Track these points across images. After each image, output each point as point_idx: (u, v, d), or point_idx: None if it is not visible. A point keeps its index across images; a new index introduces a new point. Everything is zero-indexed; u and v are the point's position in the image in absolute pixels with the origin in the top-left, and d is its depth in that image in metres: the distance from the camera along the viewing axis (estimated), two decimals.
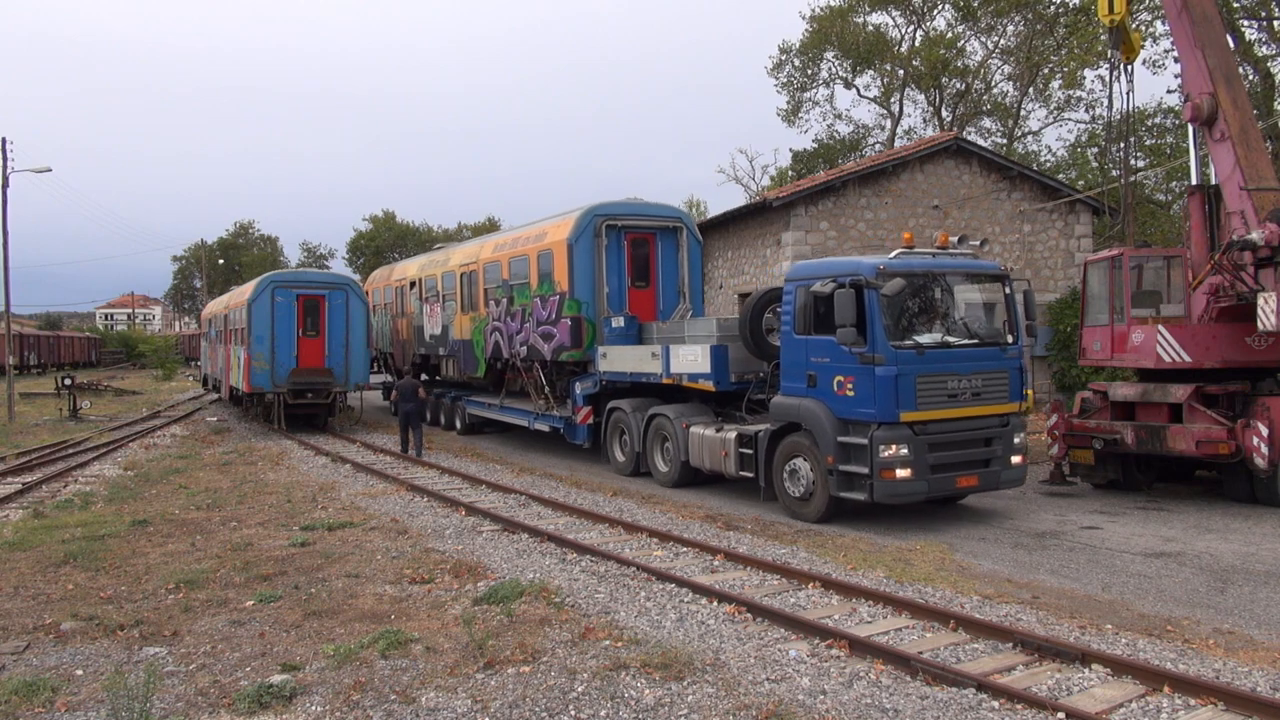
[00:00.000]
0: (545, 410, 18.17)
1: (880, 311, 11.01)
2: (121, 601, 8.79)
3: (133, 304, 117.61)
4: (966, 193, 23.34)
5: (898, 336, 11.11)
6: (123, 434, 24.57)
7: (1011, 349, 11.85)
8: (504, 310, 19.56)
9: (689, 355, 14.42)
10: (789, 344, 12.31)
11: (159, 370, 56.16)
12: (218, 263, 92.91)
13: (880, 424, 10.96)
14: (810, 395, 11.79)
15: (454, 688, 6.46)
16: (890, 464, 10.92)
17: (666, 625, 7.80)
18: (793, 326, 12.10)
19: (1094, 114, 39.11)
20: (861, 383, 11.11)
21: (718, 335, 14.29)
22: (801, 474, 11.94)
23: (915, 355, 11.05)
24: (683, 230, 17.83)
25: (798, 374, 12.07)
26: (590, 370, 17.06)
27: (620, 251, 17.32)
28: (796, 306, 11.92)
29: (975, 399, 11.41)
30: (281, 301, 23.43)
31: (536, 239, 18.46)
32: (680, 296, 17.77)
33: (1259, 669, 6.67)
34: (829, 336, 11.32)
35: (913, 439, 11.00)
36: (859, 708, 6.07)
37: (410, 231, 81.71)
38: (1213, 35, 13.37)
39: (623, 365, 16.03)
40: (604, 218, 17.08)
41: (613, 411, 16.32)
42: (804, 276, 12.15)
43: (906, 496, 11.16)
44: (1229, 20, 25.10)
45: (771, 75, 46.88)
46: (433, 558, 10.24)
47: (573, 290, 16.91)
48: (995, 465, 11.67)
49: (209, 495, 14.66)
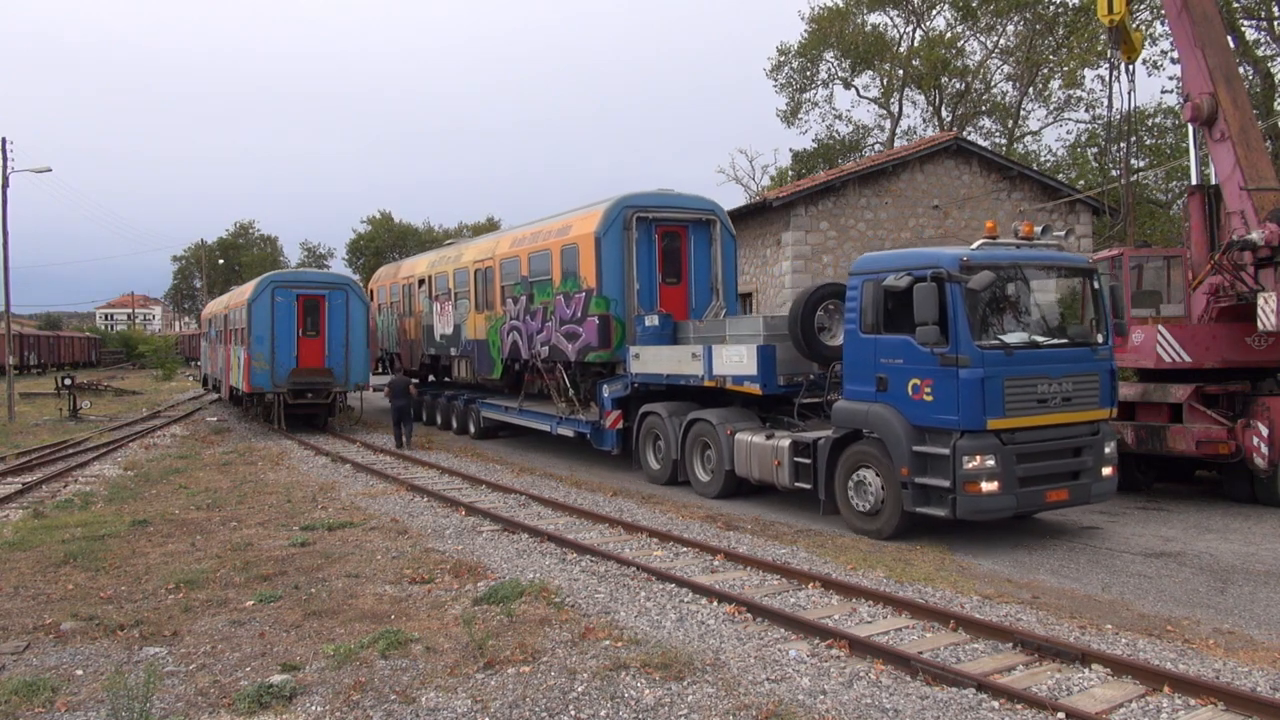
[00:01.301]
0: (569, 414, 17.23)
1: (965, 308, 10.00)
2: (121, 601, 8.79)
3: (133, 304, 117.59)
4: (966, 193, 23.34)
5: (982, 335, 10.13)
6: (123, 434, 24.56)
7: (1102, 349, 10.90)
8: (523, 308, 18.64)
9: (733, 356, 13.50)
10: (854, 344, 11.29)
11: (159, 370, 56.15)
12: (218, 263, 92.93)
13: (964, 432, 9.95)
14: (880, 400, 10.77)
15: (454, 688, 6.46)
16: (975, 476, 9.87)
17: (666, 625, 7.80)
18: (858, 325, 11.13)
19: (1094, 114, 39.11)
20: (942, 386, 10.09)
21: (764, 334, 13.40)
22: (869, 486, 10.98)
23: (1003, 356, 10.04)
24: (716, 223, 16.82)
25: (864, 376, 11.04)
26: (619, 372, 16.21)
27: (651, 245, 16.33)
28: (863, 302, 10.97)
29: (1065, 404, 10.40)
30: (281, 301, 23.42)
31: (560, 233, 17.41)
32: (713, 293, 16.76)
33: (1259, 669, 6.67)
34: (903, 335, 10.47)
35: (1000, 449, 9.96)
36: (859, 708, 6.07)
37: (410, 232, 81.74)
38: (1213, 35, 13.37)
39: (658, 366, 15.06)
40: (634, 209, 16.07)
41: (646, 416, 15.34)
42: (872, 270, 11.09)
43: (993, 512, 10.13)
44: (1229, 20, 25.09)
45: (770, 76, 46.93)
46: (433, 558, 10.24)
47: (601, 287, 15.95)
48: (1085, 477, 10.65)
49: (209, 495, 14.66)
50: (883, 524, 10.89)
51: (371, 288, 30.19)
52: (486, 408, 21.23)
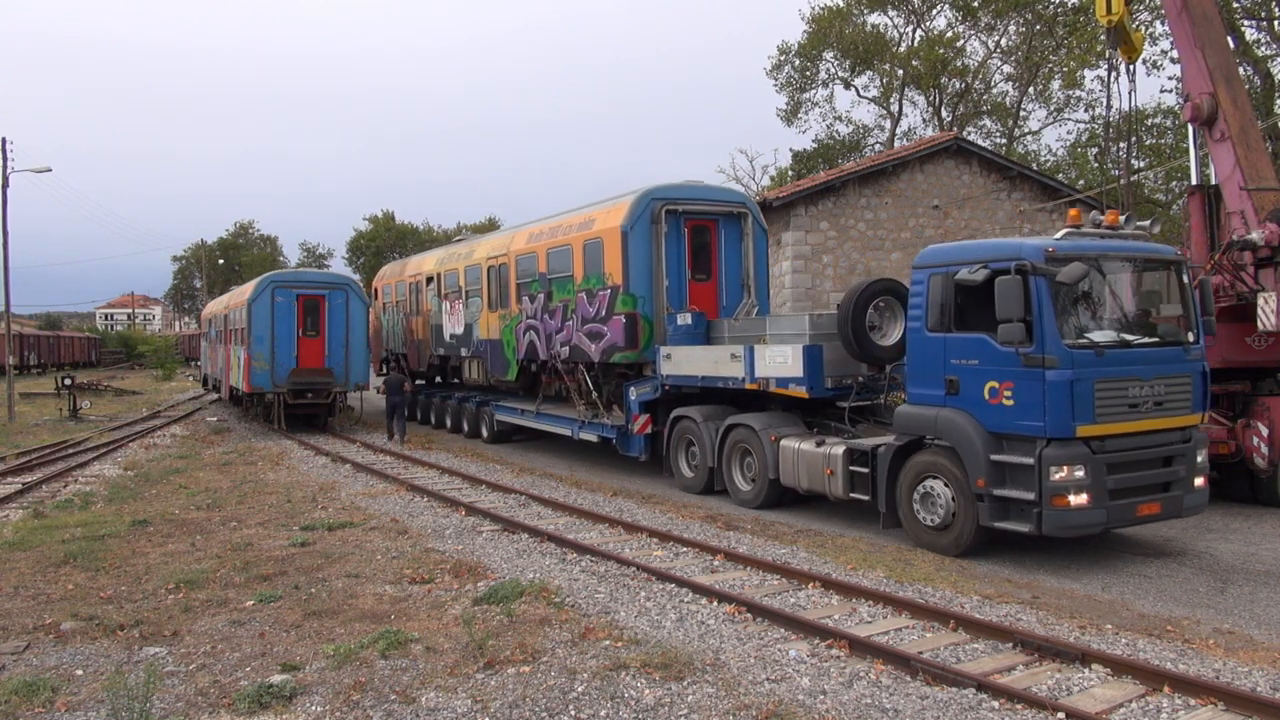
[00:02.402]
0: (592, 418, 16.43)
1: (1052, 303, 9.17)
2: (121, 601, 8.79)
3: (133, 304, 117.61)
4: (966, 193, 23.35)
5: (1070, 334, 9.29)
6: (123, 434, 24.57)
7: (1194, 349, 10.05)
8: (540, 307, 17.80)
9: (777, 357, 12.57)
10: (919, 343, 10.44)
11: (159, 370, 56.17)
12: (218, 263, 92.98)
13: (1050, 440, 9.13)
14: (950, 404, 9.95)
15: (454, 688, 6.46)
16: (1064, 488, 9.05)
17: (666, 625, 7.80)
18: (924, 322, 10.30)
19: (1094, 114, 39.17)
20: (1025, 390, 9.24)
21: (810, 333, 12.58)
22: (938, 498, 10.10)
23: (1093, 357, 9.20)
24: (748, 216, 16.00)
25: (931, 379, 10.20)
26: (647, 373, 15.38)
27: (679, 240, 15.51)
28: (930, 298, 10.18)
29: (1157, 409, 9.58)
30: (281, 301, 23.42)
31: (582, 227, 16.60)
32: (745, 291, 15.96)
33: (1259, 669, 6.67)
34: (978, 334, 9.70)
35: (1090, 458, 9.15)
36: (859, 708, 6.07)
37: (410, 231, 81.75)
38: (1213, 35, 13.37)
39: (692, 368, 14.13)
40: (663, 202, 15.24)
41: (678, 420, 14.44)
42: (941, 263, 10.26)
43: (1082, 528, 9.32)
44: (1229, 20, 25.11)
45: (770, 76, 46.96)
46: (433, 558, 10.24)
47: (627, 284, 15.10)
48: (1177, 488, 9.79)
49: (209, 495, 14.66)
50: (955, 539, 10.02)
51: (375, 286, 29.49)
52: (500, 410, 20.46)
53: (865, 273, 22.52)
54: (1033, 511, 9.22)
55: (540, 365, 18.27)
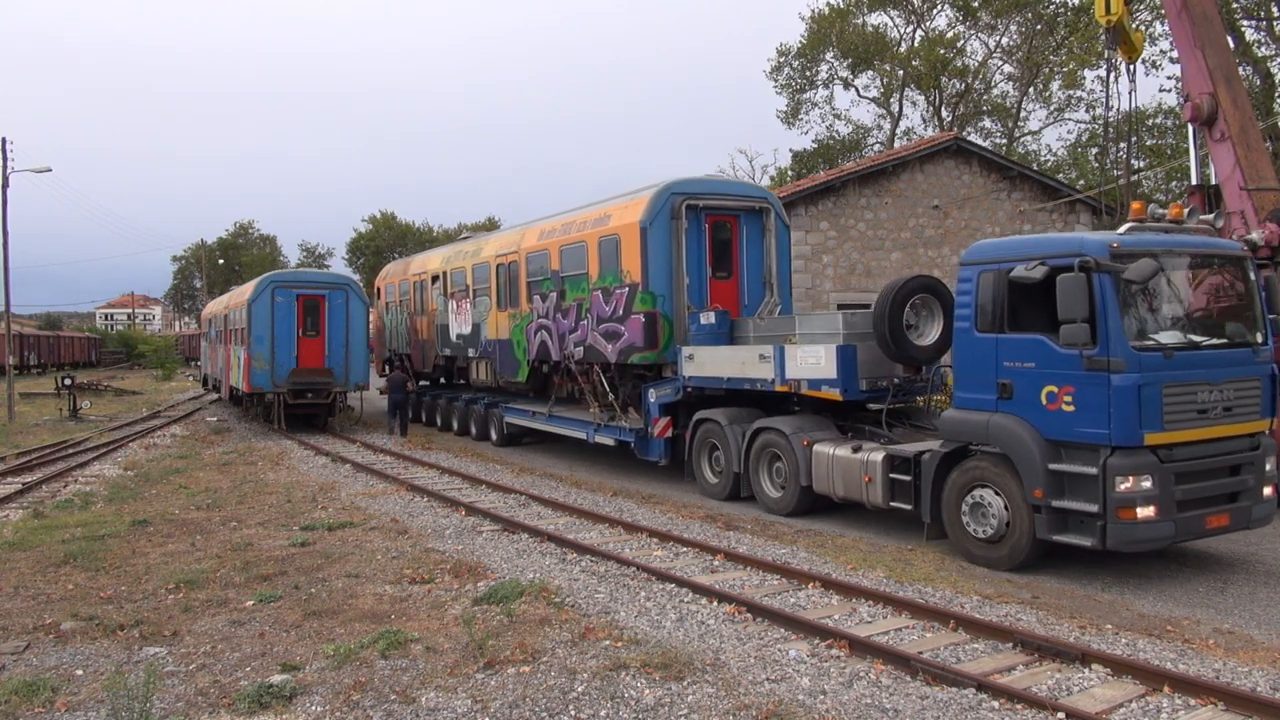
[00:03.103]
0: (608, 421, 15.88)
1: (1118, 302, 8.63)
2: (121, 601, 8.79)
3: (133, 304, 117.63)
4: (966, 193, 23.37)
5: (1135, 335, 8.75)
6: (123, 434, 24.57)
7: (1263, 350, 9.50)
8: (553, 306, 17.28)
9: (809, 357, 12.06)
10: (967, 344, 9.89)
11: (159, 370, 56.17)
12: (218, 263, 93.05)
13: (1115, 448, 8.57)
14: (1004, 410, 9.40)
15: (454, 688, 6.46)
16: (1130, 500, 8.49)
17: (666, 625, 7.80)
18: (973, 322, 9.73)
19: (1094, 114, 39.20)
20: (1088, 394, 8.71)
21: (844, 333, 12.06)
22: (990, 509, 9.50)
23: (1161, 359, 8.65)
24: (770, 212, 15.48)
25: (981, 382, 9.64)
26: (666, 374, 14.89)
27: (700, 236, 14.99)
28: (980, 297, 9.63)
29: (1226, 415, 9.03)
30: (281, 301, 23.42)
31: (597, 223, 16.04)
32: (767, 289, 15.44)
33: (1259, 669, 6.67)
34: (1033, 335, 9.20)
35: (1158, 467, 8.60)
36: (859, 708, 6.07)
37: (410, 231, 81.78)
38: (1213, 35, 13.38)
39: (717, 369, 13.61)
40: (683, 196, 14.72)
41: (701, 424, 13.86)
42: (992, 259, 9.70)
43: (1149, 542, 8.79)
44: (1229, 20, 25.12)
45: (771, 77, 47.03)
46: (433, 558, 10.24)
47: (646, 282, 14.57)
48: (1245, 499, 9.25)
49: (209, 495, 14.66)
50: (1008, 553, 9.44)
51: (378, 285, 29.02)
52: (510, 413, 19.84)
53: (865, 273, 22.55)
54: (1096, 525, 8.67)
55: (552, 366, 17.85)
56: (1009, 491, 9.35)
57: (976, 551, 9.73)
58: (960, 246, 23.41)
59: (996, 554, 9.55)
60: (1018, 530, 9.32)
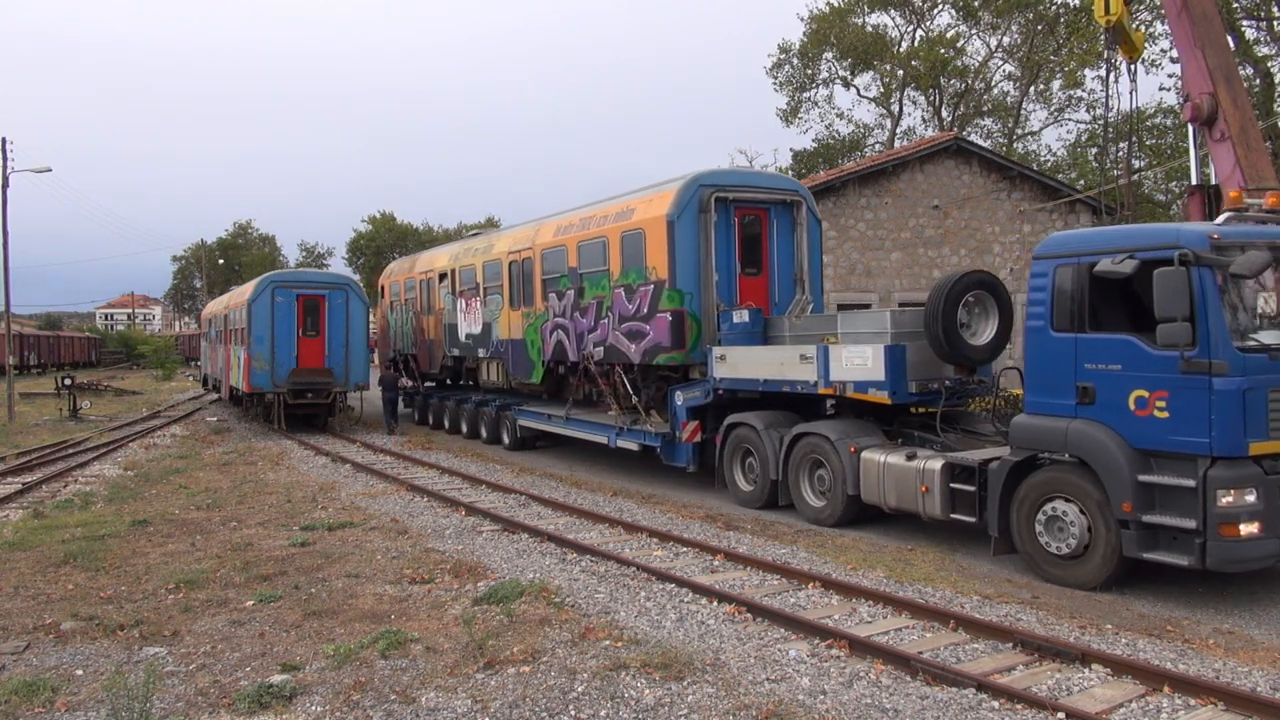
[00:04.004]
0: (631, 424, 15.17)
1: (1220, 299, 7.94)
2: (121, 601, 8.79)
3: (133, 304, 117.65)
4: (966, 193, 23.37)
5: (1239, 335, 8.06)
6: (123, 434, 24.57)
7: None
8: (570, 304, 16.59)
9: (856, 358, 11.35)
10: (1041, 345, 9.14)
11: (159, 370, 56.18)
12: (217, 263, 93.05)
13: (1216, 458, 7.86)
14: (1084, 416, 8.68)
15: (454, 688, 6.46)
16: (1233, 515, 7.77)
17: (666, 625, 7.80)
18: (1048, 320, 9.02)
19: (1094, 114, 39.22)
20: (1185, 400, 7.99)
21: (892, 332, 11.39)
22: (1069, 524, 8.74)
23: (1267, 362, 7.97)
24: (802, 205, 14.79)
25: (1057, 385, 8.92)
26: (694, 376, 14.21)
27: (729, 231, 14.29)
28: (1057, 293, 8.94)
29: None
30: (281, 301, 23.44)
31: (619, 217, 15.30)
32: (798, 286, 14.77)
33: (1259, 669, 6.68)
34: (1120, 334, 8.55)
35: (1263, 480, 7.90)
36: (859, 708, 6.07)
37: (410, 231, 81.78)
38: (1213, 35, 13.37)
39: (752, 370, 12.88)
40: (712, 188, 14.00)
41: (734, 428, 13.15)
42: (1073, 251, 8.95)
43: (1253, 562, 8.05)
44: (1229, 20, 25.13)
45: (771, 75, 47.06)
46: (433, 558, 10.24)
47: (674, 278, 13.87)
48: None
49: (209, 495, 14.66)
50: (1091, 572, 8.69)
51: (382, 284, 28.47)
52: (524, 415, 19.03)
53: (865, 273, 22.56)
54: (1194, 542, 7.96)
55: (569, 367, 17.23)
56: (1090, 504, 8.64)
57: (1053, 570, 8.96)
58: (960, 246, 23.44)
59: (1077, 572, 8.77)
60: (1101, 547, 8.60)
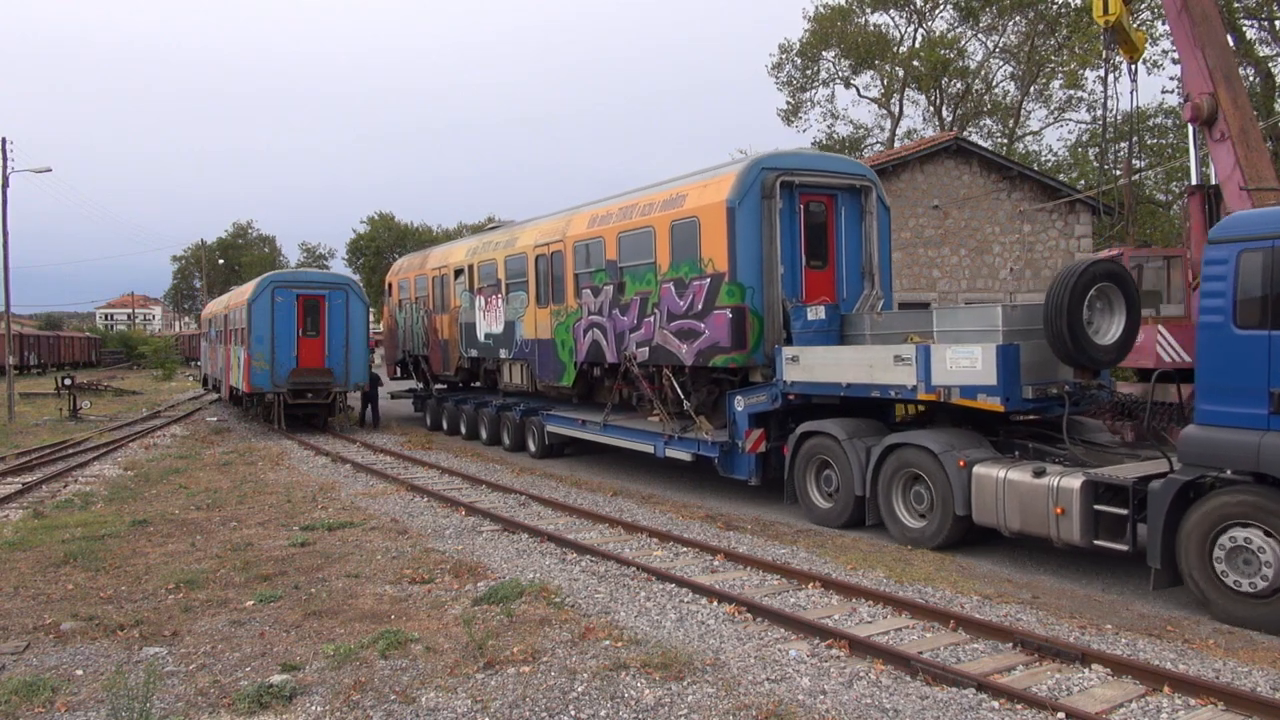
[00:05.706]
0: (681, 432, 13.88)
1: None
2: (121, 601, 8.79)
3: (133, 304, 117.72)
4: (966, 193, 23.36)
5: None
6: (123, 434, 24.56)
7: None
8: (608, 301, 15.37)
9: (962, 359, 10.05)
10: (1221, 344, 7.90)
11: (159, 370, 56.19)
12: (217, 263, 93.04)
13: None
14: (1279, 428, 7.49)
15: (454, 688, 6.46)
16: None
17: (666, 625, 7.80)
18: (1230, 315, 7.80)
19: (1094, 114, 39.23)
20: None
21: (1004, 329, 10.10)
22: (1258, 555, 7.48)
23: None
24: (870, 191, 13.58)
25: (1245, 393, 7.70)
26: (755, 379, 12.90)
27: (793, 219, 13.06)
28: (1244, 282, 7.72)
29: None
30: (281, 301, 23.44)
31: (669, 204, 14.03)
32: (866, 280, 13.58)
33: (1259, 669, 6.67)
34: None
35: None
36: (859, 708, 6.07)
37: (410, 232, 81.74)
38: (1213, 35, 13.38)
39: (831, 373, 11.55)
40: (776, 172, 12.76)
41: (808, 437, 11.86)
42: (1264, 233, 7.67)
43: None
44: (1229, 20, 25.13)
45: (771, 74, 47.03)
46: (433, 558, 10.24)
47: (734, 271, 12.63)
48: None
49: (209, 495, 14.66)
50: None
51: (390, 280, 27.55)
52: (553, 421, 17.64)
53: None
54: None
55: (606, 369, 16.07)
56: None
57: (1235, 609, 7.65)
58: (960, 246, 23.43)
59: (1268, 614, 7.50)
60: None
